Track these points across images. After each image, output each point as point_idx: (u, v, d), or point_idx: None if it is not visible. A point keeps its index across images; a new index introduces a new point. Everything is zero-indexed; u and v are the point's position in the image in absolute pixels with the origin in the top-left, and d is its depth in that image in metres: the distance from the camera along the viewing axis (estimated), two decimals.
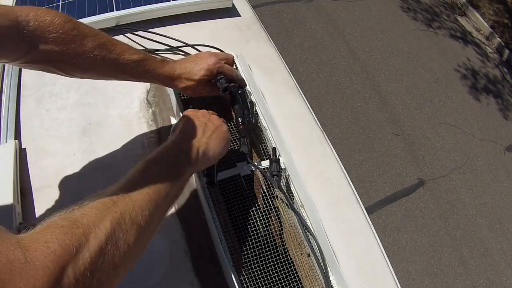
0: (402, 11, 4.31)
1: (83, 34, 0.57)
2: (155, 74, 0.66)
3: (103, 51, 0.59)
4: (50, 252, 0.31)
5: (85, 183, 0.77)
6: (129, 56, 0.62)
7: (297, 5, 3.99)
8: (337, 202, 0.80)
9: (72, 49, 0.56)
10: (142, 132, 0.86)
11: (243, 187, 0.75)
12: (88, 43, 0.57)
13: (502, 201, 3.07)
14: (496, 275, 2.68)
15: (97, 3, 1.02)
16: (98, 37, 0.59)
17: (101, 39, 0.59)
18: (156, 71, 0.66)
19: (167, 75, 0.67)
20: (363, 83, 3.51)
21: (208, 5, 1.08)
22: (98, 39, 0.59)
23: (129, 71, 0.63)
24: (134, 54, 0.63)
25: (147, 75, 0.65)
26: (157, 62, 0.66)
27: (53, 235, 0.32)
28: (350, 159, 2.98)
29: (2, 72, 0.93)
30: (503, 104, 3.80)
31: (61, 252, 0.31)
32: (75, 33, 0.56)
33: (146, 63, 0.64)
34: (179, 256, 0.70)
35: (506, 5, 4.66)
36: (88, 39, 0.57)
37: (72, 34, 0.55)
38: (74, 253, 0.32)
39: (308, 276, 0.68)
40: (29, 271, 0.28)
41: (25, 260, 0.29)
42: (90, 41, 0.57)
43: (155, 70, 0.65)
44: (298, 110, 0.94)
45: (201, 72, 0.69)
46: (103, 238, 0.36)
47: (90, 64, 0.59)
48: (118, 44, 0.62)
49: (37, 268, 0.29)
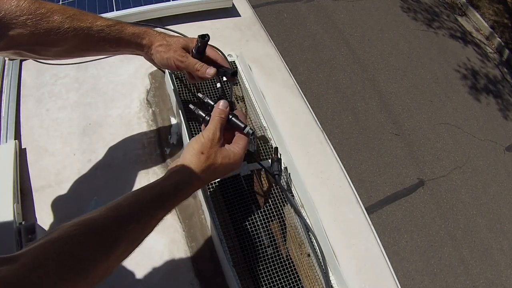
0: (402, 11, 4.31)
1: (51, 10, 0.56)
2: (128, 33, 0.64)
3: (74, 22, 0.58)
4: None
5: (85, 183, 0.77)
6: (101, 22, 0.61)
7: (297, 5, 3.99)
8: (337, 202, 0.80)
9: (42, 28, 0.55)
10: (142, 132, 0.86)
11: (243, 187, 0.75)
12: (57, 18, 0.56)
13: (502, 201, 3.07)
14: (496, 275, 2.68)
15: (97, 3, 1.02)
16: (67, 10, 0.58)
17: (70, 11, 0.58)
18: (128, 30, 0.64)
19: (137, 31, 0.65)
20: (363, 83, 3.51)
21: (208, 5, 1.08)
22: (67, 11, 0.58)
23: (103, 37, 0.62)
24: (106, 20, 0.62)
25: (121, 36, 0.63)
26: (128, 24, 0.66)
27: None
28: (350, 159, 2.98)
29: (2, 72, 0.93)
30: (503, 104, 3.80)
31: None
32: (42, 11, 0.55)
33: (118, 25, 0.63)
34: (179, 256, 0.70)
35: (506, 5, 4.66)
36: (57, 14, 0.57)
37: (40, 13, 0.55)
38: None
39: (308, 276, 0.68)
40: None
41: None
42: (59, 16, 0.57)
43: (127, 29, 0.64)
44: (298, 110, 0.94)
45: (179, 39, 0.68)
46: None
47: (63, 39, 0.58)
48: (89, 14, 0.61)
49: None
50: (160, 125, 0.88)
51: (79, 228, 0.41)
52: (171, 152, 0.83)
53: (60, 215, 0.73)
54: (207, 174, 0.56)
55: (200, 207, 0.77)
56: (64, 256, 0.38)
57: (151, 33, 0.67)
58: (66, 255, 0.38)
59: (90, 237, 0.41)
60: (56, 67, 0.94)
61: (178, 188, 0.52)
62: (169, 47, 0.66)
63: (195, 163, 0.54)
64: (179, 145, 0.85)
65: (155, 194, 0.50)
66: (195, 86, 0.90)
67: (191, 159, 0.55)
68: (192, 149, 0.56)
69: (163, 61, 0.67)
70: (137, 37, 0.65)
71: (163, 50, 0.66)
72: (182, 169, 0.54)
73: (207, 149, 0.56)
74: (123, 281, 0.67)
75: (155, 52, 0.67)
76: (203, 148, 0.56)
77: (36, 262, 0.36)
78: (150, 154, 0.83)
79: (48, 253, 0.37)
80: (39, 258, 0.36)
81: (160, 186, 0.51)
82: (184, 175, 0.53)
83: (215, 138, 0.57)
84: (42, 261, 0.36)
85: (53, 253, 0.37)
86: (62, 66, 0.94)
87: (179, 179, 0.53)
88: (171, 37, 0.69)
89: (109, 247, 0.42)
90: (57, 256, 0.37)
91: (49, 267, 0.36)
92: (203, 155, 0.55)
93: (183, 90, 0.88)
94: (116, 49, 0.65)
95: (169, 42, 0.67)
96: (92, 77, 0.94)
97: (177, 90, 0.85)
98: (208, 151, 0.56)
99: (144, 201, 0.48)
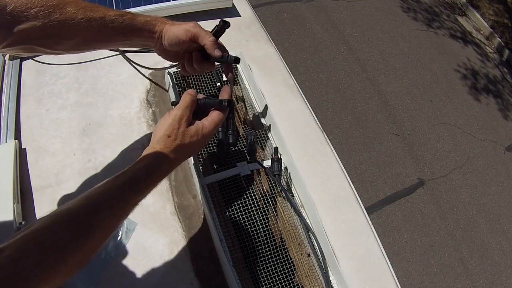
0: (402, 11, 4.31)
1: (64, 2, 0.56)
2: (140, 21, 0.64)
3: (87, 12, 0.58)
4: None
5: (85, 183, 0.77)
6: (114, 12, 0.61)
7: (297, 5, 3.99)
8: (337, 202, 0.80)
9: (55, 19, 0.55)
10: (142, 132, 0.86)
11: (243, 187, 0.75)
12: (71, 9, 0.56)
13: (502, 201, 3.07)
14: (496, 275, 2.68)
15: (97, 3, 1.02)
16: (80, 2, 0.58)
17: (82, 3, 0.58)
18: (139, 18, 0.64)
19: (149, 19, 0.66)
20: (363, 83, 3.51)
21: (208, 5, 1.08)
22: (80, 3, 0.58)
23: (116, 27, 0.62)
24: (117, 11, 0.63)
25: (133, 24, 0.64)
26: (138, 14, 0.66)
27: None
28: (350, 159, 2.98)
29: (2, 72, 0.93)
30: (503, 104, 3.80)
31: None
32: (54, 3, 0.55)
33: (130, 14, 0.64)
34: (179, 256, 0.70)
35: (506, 5, 4.66)
36: (70, 5, 0.56)
37: (52, 4, 0.54)
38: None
39: (308, 276, 0.68)
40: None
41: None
42: (72, 7, 0.57)
43: (138, 17, 0.64)
44: (298, 110, 0.94)
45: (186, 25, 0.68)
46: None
47: (76, 31, 0.58)
48: (100, 6, 0.61)
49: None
50: None
51: (56, 218, 0.43)
52: None
53: None
54: (177, 155, 0.57)
55: (200, 207, 0.77)
56: (44, 245, 0.40)
57: (162, 20, 0.67)
58: (45, 243, 0.40)
59: (66, 226, 0.43)
60: (56, 67, 0.94)
61: (148, 172, 0.53)
62: (181, 25, 0.66)
63: (163, 146, 0.56)
64: None
65: (127, 178, 0.51)
66: (196, 85, 0.90)
67: (159, 141, 0.56)
68: (158, 132, 0.57)
69: (174, 35, 0.65)
70: (149, 24, 0.65)
71: (173, 27, 0.66)
72: (151, 153, 0.55)
73: (174, 130, 0.56)
74: (123, 281, 0.67)
75: (165, 32, 0.66)
76: (170, 130, 0.56)
77: (18, 253, 0.38)
78: None
79: (29, 243, 0.39)
80: (21, 249, 0.38)
81: (131, 171, 0.52)
82: (153, 158, 0.55)
83: (182, 118, 0.57)
84: (22, 252, 0.38)
85: (33, 243, 0.39)
86: (62, 66, 0.94)
87: (148, 162, 0.54)
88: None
89: (85, 234, 0.44)
90: (35, 246, 0.39)
91: (30, 256, 0.38)
92: (170, 138, 0.56)
93: (183, 90, 0.87)
94: (129, 38, 0.65)
95: (180, 23, 0.67)
96: (92, 77, 0.94)
97: (177, 90, 0.85)
98: (176, 133, 0.56)
99: (116, 187, 0.50)
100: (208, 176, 0.75)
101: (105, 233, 0.47)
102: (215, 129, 0.61)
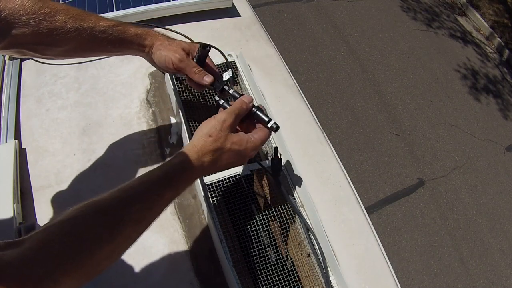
0: (402, 11, 4.31)
1: (55, 10, 0.56)
2: (130, 34, 0.64)
3: (77, 22, 0.58)
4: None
5: (85, 183, 0.77)
6: (104, 22, 0.61)
7: (297, 5, 3.98)
8: (337, 202, 0.80)
9: (45, 27, 0.55)
10: (142, 132, 0.86)
11: (243, 187, 0.75)
12: (61, 17, 0.57)
13: (502, 201, 3.07)
14: (496, 275, 2.68)
15: (97, 3, 1.02)
16: (71, 11, 0.58)
17: (73, 11, 0.59)
18: (130, 30, 0.64)
19: (139, 32, 0.66)
20: (363, 83, 3.51)
21: (208, 5, 1.08)
22: (71, 12, 0.58)
23: (106, 38, 0.62)
24: (108, 21, 0.63)
25: (123, 36, 0.64)
26: (130, 25, 0.66)
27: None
28: (350, 159, 2.98)
29: (2, 72, 0.93)
30: (503, 104, 3.80)
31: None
32: (46, 11, 0.55)
33: (120, 26, 0.64)
34: (179, 256, 0.70)
35: (506, 5, 4.65)
36: (60, 14, 0.57)
37: (43, 12, 0.55)
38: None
39: (308, 276, 0.68)
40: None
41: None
42: (62, 15, 0.57)
43: (129, 29, 0.64)
44: (298, 110, 0.94)
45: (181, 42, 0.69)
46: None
47: (65, 40, 0.58)
48: (92, 14, 0.62)
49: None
50: (160, 125, 0.88)
51: (83, 209, 0.41)
52: (171, 152, 0.83)
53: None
54: (214, 158, 0.55)
55: (200, 207, 0.77)
56: (68, 237, 0.38)
57: (153, 34, 0.67)
58: (69, 235, 0.38)
59: (93, 217, 0.41)
60: (56, 67, 0.94)
61: (184, 167, 0.52)
62: (170, 46, 0.66)
63: (202, 144, 0.54)
64: (179, 145, 0.85)
65: (162, 173, 0.50)
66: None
67: (199, 140, 0.55)
68: (201, 131, 0.56)
69: (161, 59, 0.66)
70: (139, 38, 0.65)
71: (163, 49, 0.66)
72: (189, 149, 0.54)
73: (216, 132, 0.55)
74: (123, 280, 0.67)
75: (155, 51, 0.67)
76: (211, 130, 0.55)
77: (40, 244, 0.36)
78: (150, 154, 0.83)
79: (52, 234, 0.38)
80: (43, 240, 0.37)
81: (166, 166, 0.51)
82: (189, 155, 0.53)
83: (226, 121, 0.56)
84: (46, 243, 0.36)
85: (57, 234, 0.38)
86: (62, 66, 0.94)
87: (183, 159, 0.52)
88: (174, 39, 0.69)
89: (114, 227, 0.42)
90: (61, 236, 0.37)
91: (53, 247, 0.36)
92: (211, 138, 0.54)
93: (183, 90, 0.88)
94: (118, 49, 0.65)
95: (171, 42, 0.67)
96: (92, 77, 0.94)
97: (177, 90, 0.85)
98: (217, 134, 0.55)
99: (150, 181, 0.49)
100: (208, 176, 0.75)
101: (137, 227, 0.46)
102: (260, 146, 0.59)
